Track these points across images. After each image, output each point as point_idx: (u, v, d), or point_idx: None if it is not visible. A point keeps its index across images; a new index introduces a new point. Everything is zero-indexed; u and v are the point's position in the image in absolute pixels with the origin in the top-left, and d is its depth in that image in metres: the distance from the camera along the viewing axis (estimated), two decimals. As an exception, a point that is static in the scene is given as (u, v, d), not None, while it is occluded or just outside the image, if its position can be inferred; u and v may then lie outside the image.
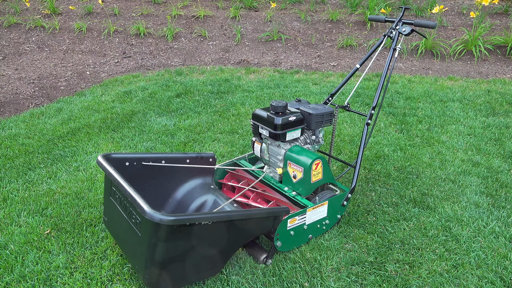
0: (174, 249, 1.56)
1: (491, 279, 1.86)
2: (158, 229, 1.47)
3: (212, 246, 1.69)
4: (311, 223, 2.03)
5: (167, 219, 1.41)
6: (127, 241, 1.76)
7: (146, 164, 1.94)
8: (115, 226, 1.89)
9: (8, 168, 2.81)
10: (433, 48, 5.88)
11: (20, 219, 2.25)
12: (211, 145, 3.19)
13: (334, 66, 5.72)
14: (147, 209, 1.42)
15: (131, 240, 1.70)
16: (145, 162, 1.93)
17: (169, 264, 1.58)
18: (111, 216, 1.90)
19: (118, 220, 1.80)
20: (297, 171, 2.08)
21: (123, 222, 1.72)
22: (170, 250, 1.55)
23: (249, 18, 7.05)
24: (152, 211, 1.41)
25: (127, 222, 1.67)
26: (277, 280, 1.83)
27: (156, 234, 1.49)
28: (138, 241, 1.60)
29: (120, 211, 1.73)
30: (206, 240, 1.64)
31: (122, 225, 1.75)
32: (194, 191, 2.11)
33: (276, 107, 2.11)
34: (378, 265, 1.95)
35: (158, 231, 1.48)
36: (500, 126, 3.60)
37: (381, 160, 2.99)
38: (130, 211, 1.63)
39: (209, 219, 1.56)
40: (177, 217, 1.45)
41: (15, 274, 1.85)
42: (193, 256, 1.64)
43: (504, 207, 2.42)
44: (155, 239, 1.50)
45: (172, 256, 1.58)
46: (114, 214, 1.84)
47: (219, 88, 4.60)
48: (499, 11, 6.81)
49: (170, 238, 1.51)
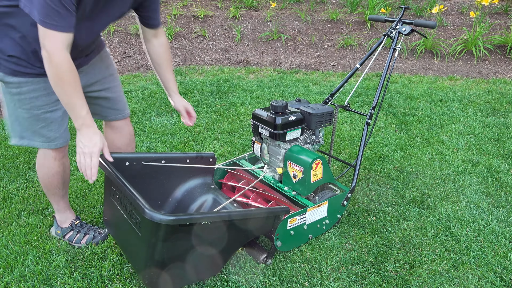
0: (174, 248, 1.56)
1: (491, 279, 1.86)
2: (158, 229, 1.47)
3: (212, 246, 1.69)
4: (311, 223, 2.03)
5: (166, 219, 1.41)
6: (127, 241, 1.76)
7: (146, 164, 1.94)
8: (115, 226, 1.89)
9: (8, 168, 2.81)
10: (433, 48, 5.88)
11: (20, 219, 2.26)
12: (211, 145, 3.19)
13: (334, 66, 5.72)
14: (147, 209, 1.42)
15: (131, 240, 1.70)
16: (145, 162, 1.93)
17: (169, 264, 1.59)
18: (111, 216, 1.91)
19: (118, 220, 1.80)
20: (297, 170, 2.08)
21: (123, 222, 1.72)
22: (170, 249, 1.55)
23: (249, 18, 7.05)
24: (152, 211, 1.41)
25: (127, 222, 1.67)
26: (277, 280, 1.83)
27: (156, 234, 1.49)
28: (138, 241, 1.61)
29: (120, 211, 1.73)
30: (206, 239, 1.64)
31: (122, 225, 1.76)
32: (194, 191, 2.11)
33: (276, 106, 2.11)
34: (378, 265, 1.95)
35: (158, 230, 1.48)
36: (500, 126, 3.60)
37: (381, 160, 2.99)
38: (130, 211, 1.63)
39: (209, 219, 1.56)
40: (177, 217, 1.45)
41: (15, 274, 1.85)
42: (193, 256, 1.64)
43: (504, 207, 2.42)
44: (155, 239, 1.50)
45: (172, 255, 1.58)
46: (114, 214, 1.84)
47: (219, 88, 4.60)
48: (499, 11, 6.81)
49: (170, 238, 1.52)
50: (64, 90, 1.50)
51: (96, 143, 1.57)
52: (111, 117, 2.06)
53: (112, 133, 2.12)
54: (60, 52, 1.45)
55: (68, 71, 1.49)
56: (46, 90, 1.69)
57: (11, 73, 1.62)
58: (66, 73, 1.48)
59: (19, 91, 1.66)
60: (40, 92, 1.69)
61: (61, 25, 1.43)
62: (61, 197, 2.04)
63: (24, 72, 1.63)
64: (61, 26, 1.43)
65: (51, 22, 1.40)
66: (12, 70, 1.62)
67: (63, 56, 1.47)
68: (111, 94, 2.01)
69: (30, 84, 1.65)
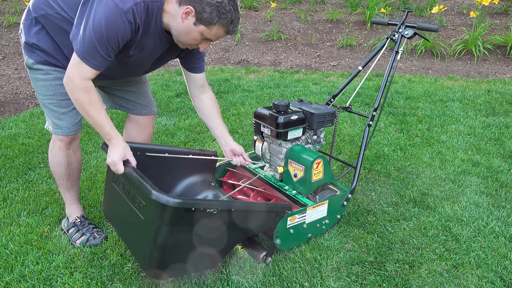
0: (177, 235, 1.56)
1: (491, 279, 1.86)
2: (163, 211, 1.47)
3: (213, 238, 1.69)
4: (310, 222, 2.03)
5: (174, 201, 1.42)
6: (129, 227, 1.76)
7: (149, 155, 1.94)
8: (116, 213, 1.90)
9: (8, 168, 2.81)
10: (433, 48, 5.88)
11: (20, 219, 2.26)
12: (211, 144, 3.19)
13: (334, 66, 5.72)
14: (155, 189, 1.44)
15: (133, 226, 1.70)
16: (149, 153, 1.94)
17: (170, 250, 1.59)
18: (112, 203, 1.91)
19: (120, 207, 1.81)
20: (298, 170, 2.09)
21: (125, 207, 1.72)
22: (173, 235, 1.55)
23: (249, 17, 7.05)
24: (160, 192, 1.43)
25: (130, 207, 1.67)
26: (277, 280, 1.83)
27: (161, 216, 1.49)
28: (140, 226, 1.61)
29: (123, 196, 1.74)
30: (208, 229, 1.64)
31: (124, 211, 1.76)
32: (194, 187, 2.11)
33: (278, 105, 2.11)
34: (378, 265, 1.95)
35: (164, 212, 1.48)
36: (500, 126, 3.61)
37: (381, 160, 2.99)
38: (134, 196, 1.64)
39: (216, 207, 1.56)
40: (184, 200, 1.47)
41: (15, 274, 1.85)
42: (193, 246, 1.64)
43: (504, 207, 2.42)
44: (160, 221, 1.50)
45: (174, 242, 1.57)
46: (116, 200, 1.85)
47: (219, 88, 4.60)
48: (499, 11, 6.81)
49: (174, 222, 1.52)
50: (86, 111, 1.63)
51: (118, 153, 1.69)
52: (135, 111, 2.17)
53: (133, 128, 2.21)
54: (83, 80, 1.59)
55: (89, 94, 1.61)
56: None
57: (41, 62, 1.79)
58: (88, 97, 1.61)
59: (46, 78, 1.82)
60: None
61: (96, 64, 1.57)
62: (67, 189, 2.10)
63: (52, 63, 1.80)
64: (95, 65, 1.57)
65: (89, 58, 1.55)
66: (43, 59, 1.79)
67: (85, 82, 1.59)
68: (137, 90, 2.11)
69: (58, 73, 1.82)
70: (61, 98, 1.86)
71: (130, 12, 1.51)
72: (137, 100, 2.13)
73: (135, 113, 2.17)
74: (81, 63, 1.55)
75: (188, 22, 1.59)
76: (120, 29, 1.52)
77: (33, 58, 1.78)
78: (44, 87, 1.84)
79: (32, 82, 1.87)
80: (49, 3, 1.68)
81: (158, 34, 1.68)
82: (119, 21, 1.51)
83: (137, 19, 1.55)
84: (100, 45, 1.52)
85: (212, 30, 1.61)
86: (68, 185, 2.08)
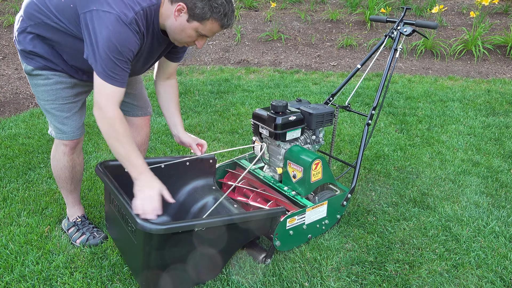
0: (169, 255, 1.58)
1: (491, 279, 1.86)
2: (150, 239, 1.49)
3: (208, 251, 1.69)
4: (310, 222, 2.03)
5: (157, 229, 1.43)
6: (126, 246, 1.78)
7: None
8: (115, 232, 1.92)
9: (8, 168, 2.81)
10: (433, 48, 5.88)
11: (20, 219, 2.26)
12: (211, 144, 3.19)
13: (334, 66, 5.72)
14: (139, 219, 1.45)
15: (128, 246, 1.72)
16: None
17: (165, 270, 1.60)
18: (112, 222, 1.94)
19: (117, 227, 1.83)
20: (296, 170, 2.08)
21: (121, 228, 1.74)
22: (165, 257, 1.57)
23: (249, 17, 7.05)
24: (143, 222, 1.43)
25: (125, 229, 1.69)
26: (277, 280, 1.83)
27: (149, 243, 1.51)
28: (134, 248, 1.62)
29: (119, 218, 1.75)
30: (200, 244, 1.64)
31: (121, 231, 1.78)
32: (195, 193, 2.12)
33: (277, 106, 2.11)
34: (378, 265, 1.95)
35: (151, 240, 1.50)
36: (500, 126, 3.60)
37: (381, 160, 2.99)
38: (127, 219, 1.65)
39: (202, 225, 1.57)
40: (169, 226, 1.47)
41: (15, 274, 1.85)
42: (188, 260, 1.65)
43: (504, 207, 2.42)
44: (149, 247, 1.52)
45: (168, 262, 1.59)
46: (114, 220, 1.87)
47: (219, 88, 4.60)
48: (499, 11, 6.81)
49: (163, 246, 1.54)
50: (120, 142, 1.60)
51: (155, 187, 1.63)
52: (131, 113, 2.15)
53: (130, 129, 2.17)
54: (114, 107, 1.58)
55: (122, 123, 1.60)
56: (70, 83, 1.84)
57: (40, 67, 1.78)
58: (121, 126, 1.59)
59: (46, 83, 1.80)
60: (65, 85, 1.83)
61: (120, 80, 1.57)
62: (70, 192, 2.09)
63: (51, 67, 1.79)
64: (120, 81, 1.57)
65: (114, 75, 1.54)
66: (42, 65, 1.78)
67: (116, 111, 1.59)
68: (133, 91, 2.09)
69: (58, 77, 1.81)
70: (63, 102, 1.85)
71: (134, 22, 1.53)
72: (132, 102, 2.11)
73: (131, 115, 2.15)
74: (105, 84, 1.54)
75: (181, 19, 1.59)
76: (131, 41, 1.54)
77: (31, 64, 1.77)
78: (45, 92, 1.82)
79: (32, 88, 1.86)
80: (43, 11, 1.65)
81: (156, 35, 1.69)
82: (128, 34, 1.52)
83: (141, 27, 1.57)
84: (117, 60, 1.52)
85: (206, 25, 1.60)
86: (71, 188, 2.08)
